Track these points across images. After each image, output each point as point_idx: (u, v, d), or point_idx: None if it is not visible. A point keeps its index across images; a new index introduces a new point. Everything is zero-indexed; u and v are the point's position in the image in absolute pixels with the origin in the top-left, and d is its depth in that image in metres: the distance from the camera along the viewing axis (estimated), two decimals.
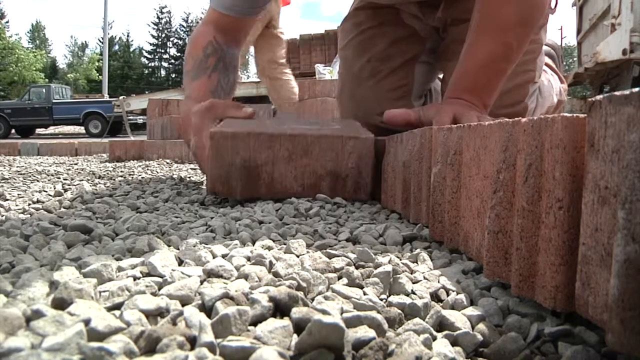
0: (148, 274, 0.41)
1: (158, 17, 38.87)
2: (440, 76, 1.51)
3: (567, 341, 0.33)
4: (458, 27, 1.21)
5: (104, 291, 0.36)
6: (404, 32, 1.32)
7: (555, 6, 1.36)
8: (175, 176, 1.43)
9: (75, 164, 2.09)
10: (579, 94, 8.70)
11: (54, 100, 12.39)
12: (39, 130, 13.72)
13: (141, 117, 9.62)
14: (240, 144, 0.83)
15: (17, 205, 0.83)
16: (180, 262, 0.46)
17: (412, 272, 0.46)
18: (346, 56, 1.41)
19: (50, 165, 1.95)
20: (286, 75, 3.79)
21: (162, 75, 38.68)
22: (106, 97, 13.95)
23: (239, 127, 0.87)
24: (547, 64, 1.61)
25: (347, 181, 0.86)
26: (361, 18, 1.36)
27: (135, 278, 0.40)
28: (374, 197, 0.88)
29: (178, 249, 0.52)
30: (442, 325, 0.36)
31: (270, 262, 0.45)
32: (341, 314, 0.33)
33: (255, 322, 0.32)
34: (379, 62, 1.32)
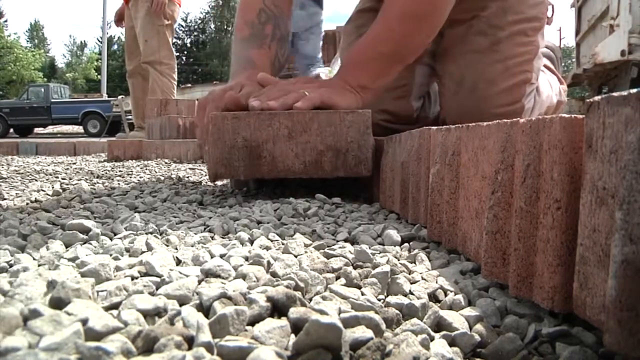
0: (146, 274, 0.41)
1: None
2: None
3: (565, 342, 0.33)
4: (454, 29, 1.22)
5: (101, 291, 0.36)
6: None
7: (552, 15, 1.36)
8: (173, 176, 1.43)
9: (74, 163, 2.09)
10: (578, 95, 8.71)
11: (52, 100, 12.37)
12: (37, 130, 13.70)
13: None
14: (241, 124, 0.84)
15: (15, 205, 0.83)
16: (178, 262, 0.46)
17: (410, 272, 0.46)
18: None
19: (49, 165, 1.95)
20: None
21: None
22: (105, 97, 13.92)
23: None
24: (545, 66, 1.62)
25: (348, 155, 0.86)
26: (363, 21, 1.37)
27: (133, 278, 0.40)
28: (375, 170, 0.87)
29: (176, 249, 0.52)
30: (439, 325, 0.36)
31: (269, 262, 0.45)
32: (339, 314, 0.33)
33: (253, 322, 0.32)
34: None
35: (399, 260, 0.49)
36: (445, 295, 0.41)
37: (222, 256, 0.47)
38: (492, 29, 1.22)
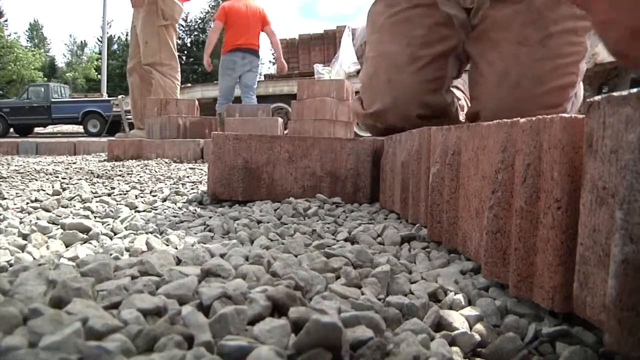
0: (146, 273, 0.41)
1: None
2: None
3: (565, 341, 0.33)
4: (497, 9, 1.10)
5: (101, 290, 0.36)
6: (440, 18, 1.22)
7: None
8: (173, 175, 1.43)
9: (74, 163, 2.09)
10: None
11: (52, 99, 12.36)
12: (37, 129, 13.70)
13: None
14: (242, 145, 0.85)
15: (15, 204, 0.83)
16: (179, 262, 0.46)
17: (410, 272, 0.46)
18: (379, 40, 1.29)
19: (49, 164, 1.95)
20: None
21: None
22: (105, 97, 13.92)
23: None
24: None
25: (346, 182, 0.87)
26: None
27: (133, 277, 0.40)
28: (374, 199, 0.88)
29: (176, 248, 0.52)
30: (440, 325, 0.36)
31: (269, 261, 0.45)
32: (339, 313, 0.33)
33: (253, 321, 0.32)
34: (418, 48, 1.22)
35: (399, 259, 0.49)
36: (446, 295, 0.41)
37: (222, 256, 0.47)
38: (543, 20, 1.08)
